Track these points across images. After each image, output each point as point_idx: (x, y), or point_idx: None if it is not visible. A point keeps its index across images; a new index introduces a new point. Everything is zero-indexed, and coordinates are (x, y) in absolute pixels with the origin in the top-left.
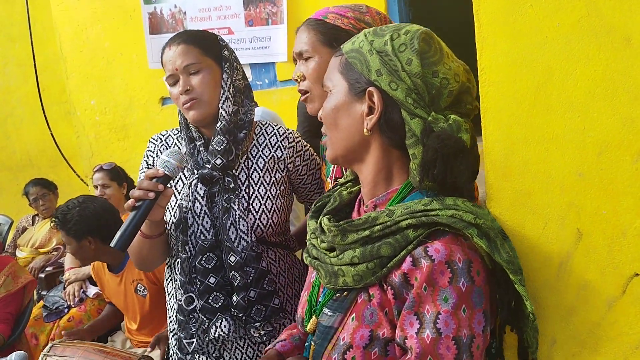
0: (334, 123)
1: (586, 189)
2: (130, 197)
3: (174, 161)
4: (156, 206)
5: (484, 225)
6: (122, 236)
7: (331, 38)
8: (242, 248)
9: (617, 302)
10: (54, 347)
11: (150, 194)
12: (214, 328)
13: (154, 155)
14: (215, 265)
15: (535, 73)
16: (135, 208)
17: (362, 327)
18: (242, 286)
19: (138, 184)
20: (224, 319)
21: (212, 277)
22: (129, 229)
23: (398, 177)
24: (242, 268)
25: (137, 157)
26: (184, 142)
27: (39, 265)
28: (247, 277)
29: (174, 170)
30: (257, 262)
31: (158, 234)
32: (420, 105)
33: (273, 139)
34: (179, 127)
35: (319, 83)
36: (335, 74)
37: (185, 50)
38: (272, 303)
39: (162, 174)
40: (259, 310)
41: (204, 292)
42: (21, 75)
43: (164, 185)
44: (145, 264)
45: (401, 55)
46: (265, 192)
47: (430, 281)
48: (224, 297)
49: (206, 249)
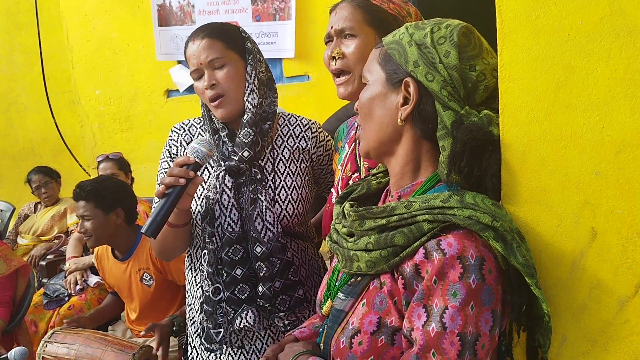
0: (369, 113)
1: (602, 187)
2: (161, 184)
3: (204, 149)
4: (185, 194)
5: (501, 227)
6: (153, 223)
7: (378, 19)
8: (269, 239)
9: (629, 302)
10: (55, 334)
11: (181, 180)
12: (239, 319)
13: (177, 144)
14: (242, 257)
15: (555, 71)
16: (165, 195)
17: (371, 313)
18: (268, 277)
19: (168, 172)
20: (250, 310)
21: (239, 268)
22: (160, 216)
23: (425, 170)
24: (268, 259)
25: (140, 148)
26: (207, 133)
27: (40, 252)
28: (273, 267)
29: (204, 157)
30: (283, 253)
31: (184, 224)
32: (455, 98)
33: (297, 129)
34: (202, 118)
35: (362, 63)
36: (374, 65)
37: (210, 44)
38: (296, 293)
39: (193, 160)
40: (283, 300)
41: (230, 283)
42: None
43: (195, 172)
44: (167, 253)
45: (440, 47)
46: (291, 182)
47: (440, 275)
48: (250, 289)
49: (233, 241)
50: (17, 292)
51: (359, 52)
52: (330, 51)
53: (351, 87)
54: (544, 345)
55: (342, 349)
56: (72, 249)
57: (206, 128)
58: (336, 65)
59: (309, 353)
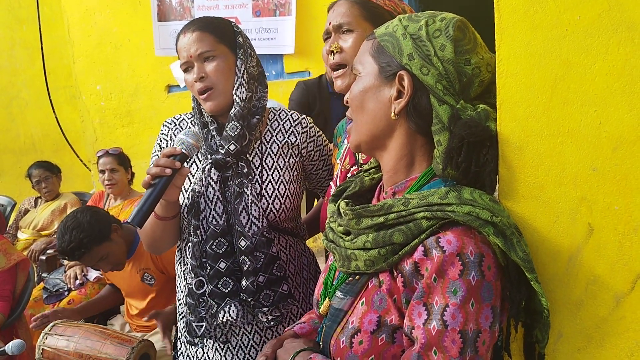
0: (360, 106)
1: (599, 184)
2: (147, 174)
3: (190, 140)
4: (172, 186)
5: (500, 223)
6: (139, 212)
7: (374, 15)
8: (253, 233)
9: (625, 298)
10: (55, 326)
11: (167, 170)
12: (222, 313)
13: (167, 138)
14: (226, 250)
15: (553, 66)
16: (151, 185)
17: (370, 312)
18: (252, 271)
19: (155, 162)
20: (233, 304)
21: (223, 262)
22: (146, 205)
23: (419, 165)
24: (252, 253)
25: (141, 143)
26: (196, 127)
27: (40, 247)
28: (257, 262)
29: (190, 149)
30: (267, 248)
31: (172, 216)
32: (450, 92)
33: (287, 124)
34: (192, 111)
35: None
36: (366, 57)
37: (200, 37)
38: (280, 289)
39: (179, 151)
40: (267, 295)
41: (213, 276)
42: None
43: (181, 163)
44: (156, 246)
45: (435, 40)
46: (278, 177)
47: (440, 272)
48: (234, 283)
49: (217, 234)
50: (17, 286)
51: (357, 47)
52: (329, 46)
53: (348, 79)
54: (542, 340)
55: (343, 348)
56: None
57: (196, 121)
58: (334, 60)
59: (310, 350)
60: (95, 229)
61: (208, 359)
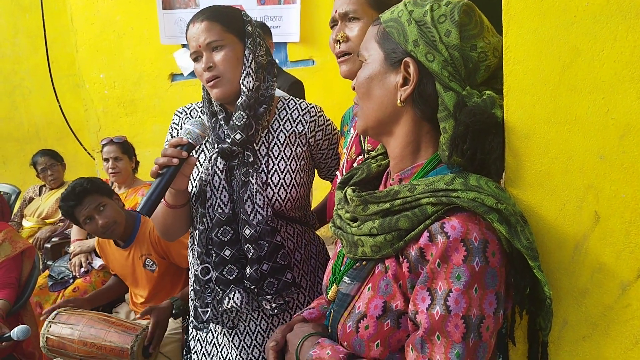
0: (367, 93)
1: (606, 171)
2: (155, 164)
3: (197, 130)
4: (180, 175)
5: (505, 210)
6: (148, 201)
7: (380, 3)
8: (258, 222)
9: (631, 286)
10: (59, 314)
11: (174, 160)
12: (227, 299)
13: (178, 127)
14: (231, 238)
15: (561, 53)
16: (159, 175)
17: (376, 298)
18: (256, 259)
19: (162, 152)
20: (237, 291)
21: (228, 249)
22: (154, 195)
23: (425, 152)
24: (257, 241)
25: (145, 132)
26: (205, 116)
27: (45, 235)
28: (261, 250)
29: (197, 138)
30: (272, 236)
31: (181, 205)
32: (456, 78)
33: (295, 113)
34: (202, 101)
35: None
36: (372, 43)
37: (209, 27)
38: (284, 277)
39: (185, 141)
40: (271, 283)
41: (219, 263)
42: (31, 46)
43: (188, 153)
44: (168, 233)
45: (440, 26)
46: (285, 167)
47: (444, 258)
48: (238, 270)
49: (223, 222)
50: (23, 273)
51: (363, 35)
52: (335, 35)
53: (353, 65)
54: (545, 328)
55: (349, 333)
56: (77, 232)
57: (205, 110)
58: (340, 48)
59: (318, 335)
60: (100, 183)
61: (217, 343)
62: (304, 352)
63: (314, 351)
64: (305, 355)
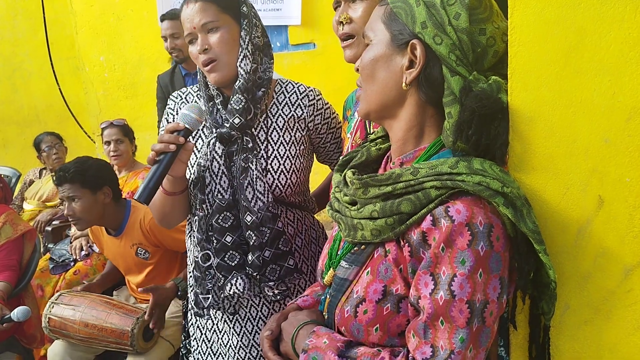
0: (371, 75)
1: (611, 155)
2: (151, 150)
3: (193, 115)
4: (178, 161)
5: (511, 194)
6: (145, 189)
7: None
8: (259, 208)
9: (634, 271)
10: (62, 296)
11: (171, 146)
12: (229, 285)
13: (174, 112)
14: (231, 224)
15: (567, 34)
16: (156, 162)
17: (376, 282)
18: (257, 246)
19: (159, 138)
20: (239, 277)
21: (229, 235)
22: (152, 182)
23: (428, 136)
24: (258, 228)
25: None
26: (202, 100)
27: (46, 218)
28: (263, 237)
29: (194, 123)
30: (273, 223)
31: (180, 191)
32: (463, 62)
33: (293, 97)
34: (198, 85)
35: None
36: (378, 23)
37: (203, 7)
38: (286, 263)
39: (182, 127)
40: (273, 269)
41: (220, 250)
42: (30, 29)
43: (185, 139)
44: (166, 220)
45: (449, 8)
46: (284, 152)
47: (448, 242)
48: (240, 256)
49: (223, 208)
50: (24, 256)
51: (367, 16)
52: (338, 16)
53: (357, 49)
54: (548, 312)
55: (347, 317)
56: None
57: (202, 94)
58: (344, 30)
59: (313, 323)
60: (89, 174)
61: (217, 329)
62: (300, 341)
63: (310, 340)
64: (301, 344)
